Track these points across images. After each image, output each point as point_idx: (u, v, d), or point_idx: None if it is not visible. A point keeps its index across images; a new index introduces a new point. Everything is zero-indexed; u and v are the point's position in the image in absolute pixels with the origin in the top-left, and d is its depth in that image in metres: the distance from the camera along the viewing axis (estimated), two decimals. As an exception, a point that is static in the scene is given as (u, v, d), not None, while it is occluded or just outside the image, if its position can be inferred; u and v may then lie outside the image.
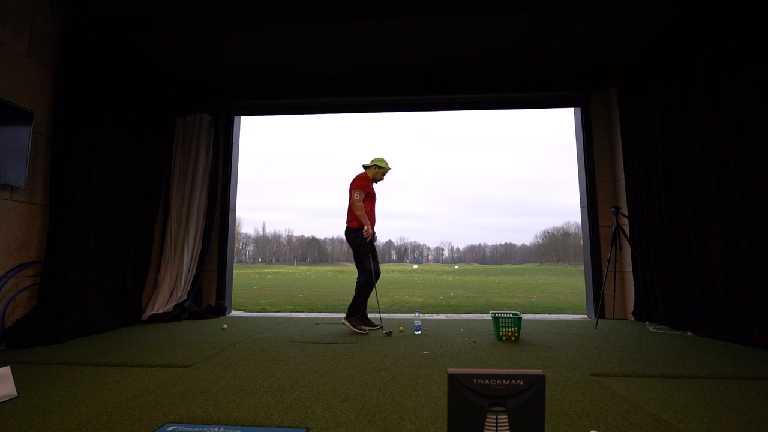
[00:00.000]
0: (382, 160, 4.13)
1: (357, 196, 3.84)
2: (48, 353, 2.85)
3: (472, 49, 4.67)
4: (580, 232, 8.24)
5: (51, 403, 1.84)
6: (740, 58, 3.29)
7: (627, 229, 4.68)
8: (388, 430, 1.56)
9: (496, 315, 3.48)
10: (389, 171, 4.19)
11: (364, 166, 4.16)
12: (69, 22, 3.70)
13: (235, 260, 5.93)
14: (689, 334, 3.66)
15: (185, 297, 4.78)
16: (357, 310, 3.81)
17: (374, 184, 4.10)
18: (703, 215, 3.67)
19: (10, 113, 3.13)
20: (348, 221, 3.91)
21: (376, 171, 4.10)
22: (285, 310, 6.36)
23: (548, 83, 5.15)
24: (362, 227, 3.83)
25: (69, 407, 1.79)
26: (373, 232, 3.95)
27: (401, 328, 3.96)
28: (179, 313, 4.58)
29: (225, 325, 4.11)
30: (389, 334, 3.67)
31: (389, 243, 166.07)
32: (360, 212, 3.81)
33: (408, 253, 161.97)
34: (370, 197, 3.99)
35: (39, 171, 3.47)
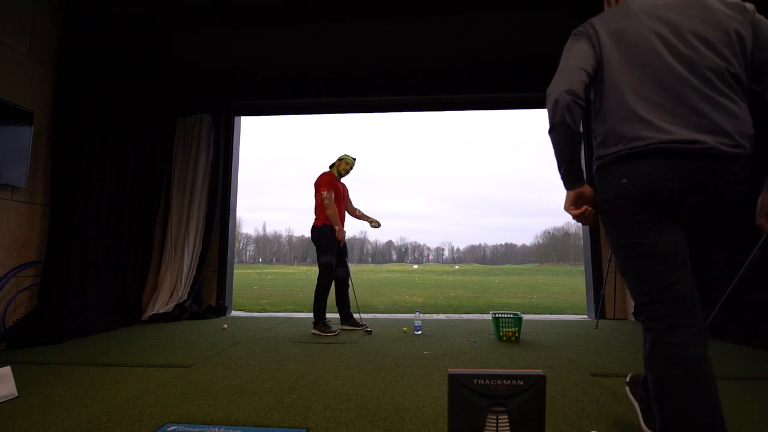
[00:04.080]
0: (345, 154, 4.10)
1: (326, 194, 3.75)
2: (48, 353, 2.85)
3: (472, 49, 4.66)
4: (581, 232, 8.24)
5: (51, 403, 1.84)
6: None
7: (627, 229, 4.67)
8: (389, 431, 1.56)
9: (497, 315, 3.48)
10: (354, 162, 4.11)
11: (330, 166, 4.10)
12: (69, 22, 3.70)
13: (235, 260, 5.93)
14: (689, 334, 3.66)
15: (185, 297, 4.78)
16: (321, 316, 3.70)
17: (341, 179, 4.06)
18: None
19: (10, 113, 3.13)
20: (315, 220, 3.84)
21: (339, 164, 4.04)
22: (285, 310, 6.36)
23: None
24: (325, 225, 3.76)
25: (69, 407, 1.79)
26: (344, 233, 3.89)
27: (405, 329, 3.96)
28: (179, 313, 4.58)
29: (225, 325, 4.11)
30: (369, 332, 3.75)
31: (389, 243, 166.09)
32: (331, 211, 3.73)
33: (408, 253, 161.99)
34: (338, 196, 3.90)
35: (39, 171, 3.47)
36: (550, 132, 1.20)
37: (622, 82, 1.13)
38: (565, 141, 1.17)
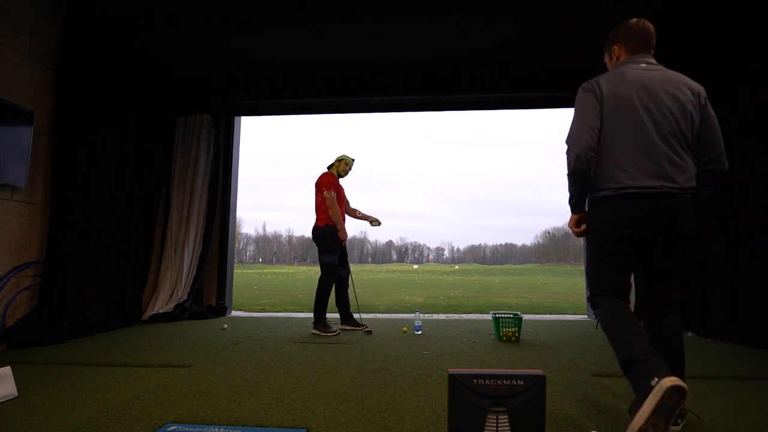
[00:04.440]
0: (344, 155, 4.08)
1: (328, 194, 3.73)
2: (48, 353, 2.85)
3: (472, 49, 4.66)
4: (581, 232, 8.23)
5: (51, 403, 1.84)
6: (739, 58, 3.29)
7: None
8: (389, 431, 1.56)
9: (497, 315, 3.48)
10: (353, 162, 4.10)
11: (329, 167, 4.09)
12: (69, 22, 3.70)
13: (235, 260, 5.93)
14: (689, 334, 3.66)
15: (186, 297, 4.78)
16: (321, 316, 3.70)
17: (340, 179, 4.05)
18: (703, 214, 3.67)
19: (10, 113, 3.13)
20: (316, 220, 3.82)
21: (338, 165, 4.02)
22: (285, 310, 6.36)
23: (548, 83, 5.14)
24: (327, 225, 3.74)
25: (69, 407, 1.79)
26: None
27: (405, 329, 3.96)
28: (179, 313, 4.58)
29: (225, 325, 4.11)
30: (369, 332, 3.75)
31: (389, 243, 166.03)
32: (334, 211, 3.72)
33: (408, 253, 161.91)
34: (339, 197, 3.89)
35: (39, 171, 3.47)
36: (570, 175, 1.64)
37: (614, 140, 1.59)
38: (581, 182, 1.64)
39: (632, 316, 1.54)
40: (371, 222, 4.22)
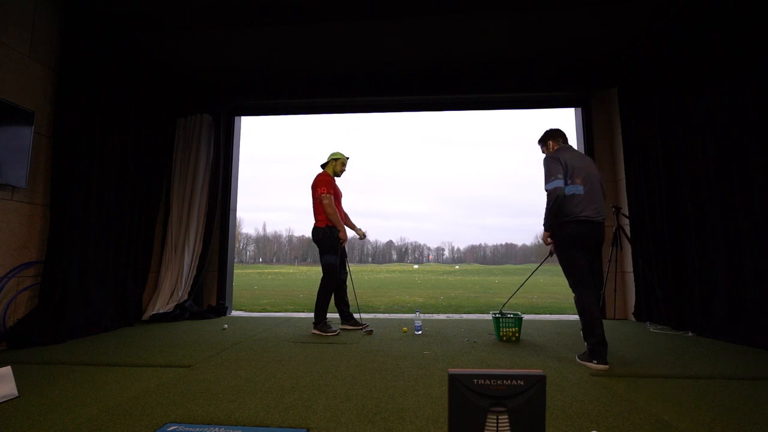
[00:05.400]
0: (338, 152, 4.05)
1: (326, 199, 3.72)
2: (49, 353, 2.85)
3: (472, 49, 4.66)
4: (581, 232, 8.19)
5: (52, 403, 1.84)
6: (741, 58, 3.29)
7: (628, 229, 4.68)
8: (389, 430, 1.56)
9: (497, 315, 3.48)
10: (348, 160, 4.08)
11: (322, 166, 4.07)
12: (70, 23, 3.70)
13: (235, 260, 5.93)
14: (690, 334, 3.66)
15: (186, 297, 4.78)
16: (322, 317, 3.70)
17: (336, 178, 4.04)
18: (704, 215, 3.67)
19: (11, 113, 3.13)
20: (316, 221, 3.82)
21: (335, 164, 4.00)
22: (286, 311, 6.35)
23: (548, 83, 5.15)
24: (328, 226, 3.74)
25: (70, 407, 1.79)
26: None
27: (405, 329, 3.96)
28: (180, 313, 4.58)
29: (226, 325, 4.11)
30: (370, 332, 3.76)
31: (389, 243, 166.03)
32: (331, 211, 3.71)
33: (408, 253, 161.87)
34: (337, 198, 3.88)
35: (40, 171, 3.47)
36: (550, 209, 2.69)
37: (571, 190, 2.67)
38: (553, 213, 2.70)
39: (596, 308, 2.62)
40: (358, 234, 4.21)
